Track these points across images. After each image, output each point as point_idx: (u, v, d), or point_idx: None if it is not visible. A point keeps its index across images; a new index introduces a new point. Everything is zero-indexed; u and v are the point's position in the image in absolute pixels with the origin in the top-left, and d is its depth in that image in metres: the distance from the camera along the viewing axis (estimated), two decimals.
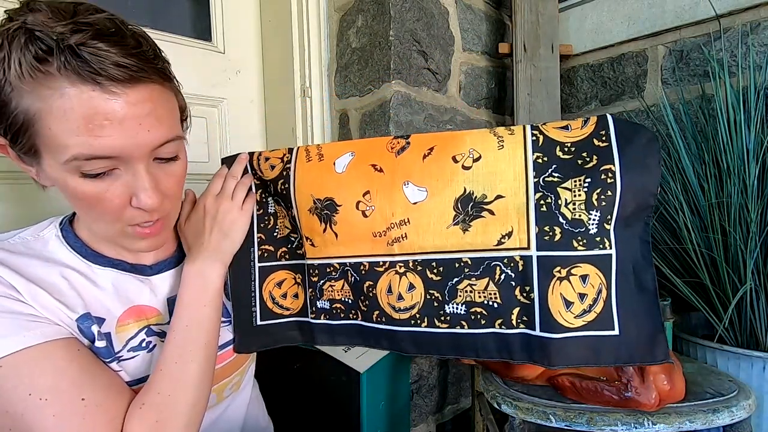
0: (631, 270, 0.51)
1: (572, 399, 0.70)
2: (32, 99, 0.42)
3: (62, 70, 0.41)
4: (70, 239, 0.55)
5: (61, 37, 0.40)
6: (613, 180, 0.50)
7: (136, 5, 1.09)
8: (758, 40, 1.08)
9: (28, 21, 0.41)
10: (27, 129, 0.43)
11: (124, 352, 0.55)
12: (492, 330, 0.55)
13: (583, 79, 1.41)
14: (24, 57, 0.41)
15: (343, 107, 1.24)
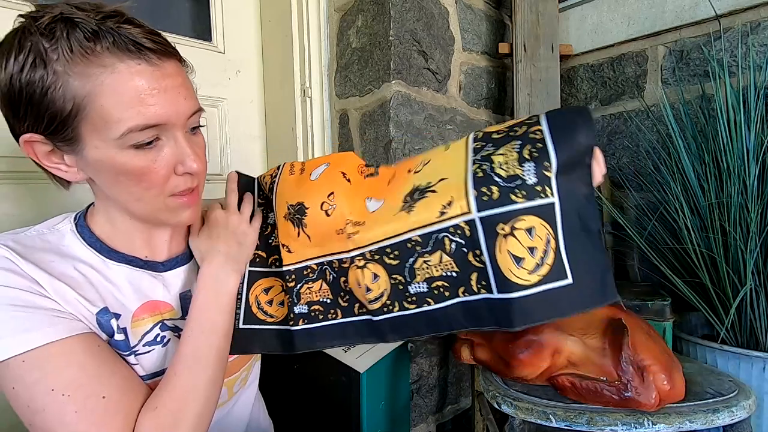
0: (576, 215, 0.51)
1: (572, 399, 0.70)
2: (82, 82, 0.45)
3: (111, 49, 0.45)
4: (85, 235, 0.56)
5: (100, 22, 0.45)
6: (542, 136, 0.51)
7: (137, 5, 1.09)
8: (758, 40, 1.08)
9: (64, 12, 0.45)
10: (76, 114, 0.46)
11: (139, 347, 0.56)
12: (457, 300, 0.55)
13: (583, 79, 1.41)
14: (73, 42, 0.44)
15: (343, 107, 1.24)
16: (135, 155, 0.49)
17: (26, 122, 0.47)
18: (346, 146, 1.24)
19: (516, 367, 0.73)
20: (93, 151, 0.48)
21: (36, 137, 0.48)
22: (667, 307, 0.95)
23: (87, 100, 0.45)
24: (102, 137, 0.47)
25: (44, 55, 0.44)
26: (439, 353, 1.25)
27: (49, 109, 0.46)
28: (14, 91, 0.46)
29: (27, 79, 0.45)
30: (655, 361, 0.68)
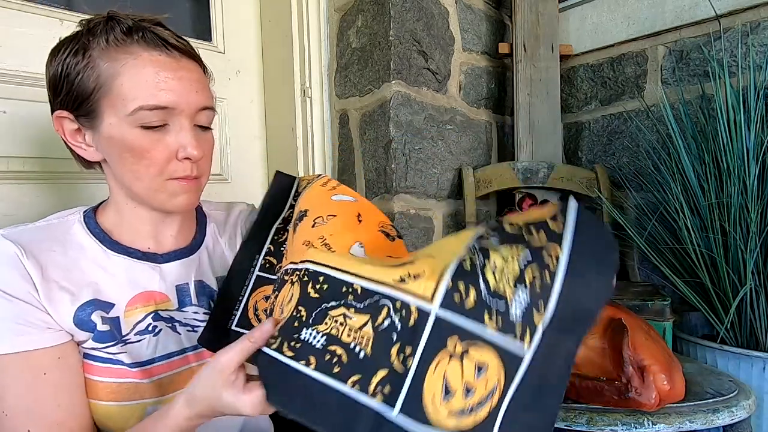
0: (537, 387, 0.39)
1: (572, 399, 0.70)
2: (109, 64, 0.53)
3: (139, 41, 0.54)
4: (91, 225, 0.60)
5: (137, 21, 0.55)
6: (556, 269, 0.39)
7: (136, 5, 1.09)
8: (758, 40, 1.08)
9: (110, 12, 0.55)
10: (99, 90, 0.53)
11: (131, 336, 0.58)
12: (339, 387, 0.41)
13: (583, 79, 1.41)
14: (110, 34, 0.53)
15: (343, 107, 1.24)
16: (142, 134, 0.54)
17: (60, 98, 0.55)
18: (346, 146, 1.24)
19: None
20: (107, 127, 0.54)
21: (65, 113, 0.56)
22: (667, 307, 0.95)
23: (110, 79, 0.53)
24: (117, 114, 0.53)
25: (85, 45, 0.53)
26: None
27: (79, 87, 0.54)
28: (57, 73, 0.55)
29: (67, 63, 0.54)
30: (655, 361, 0.68)
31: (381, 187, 1.15)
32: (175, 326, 0.61)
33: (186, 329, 0.62)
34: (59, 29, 0.96)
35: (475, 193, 1.27)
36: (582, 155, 1.40)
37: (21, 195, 0.91)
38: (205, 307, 0.65)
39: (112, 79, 0.53)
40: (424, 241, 1.21)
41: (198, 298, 0.64)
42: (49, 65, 0.56)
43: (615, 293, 1.02)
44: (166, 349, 0.60)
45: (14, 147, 0.90)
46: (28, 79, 0.91)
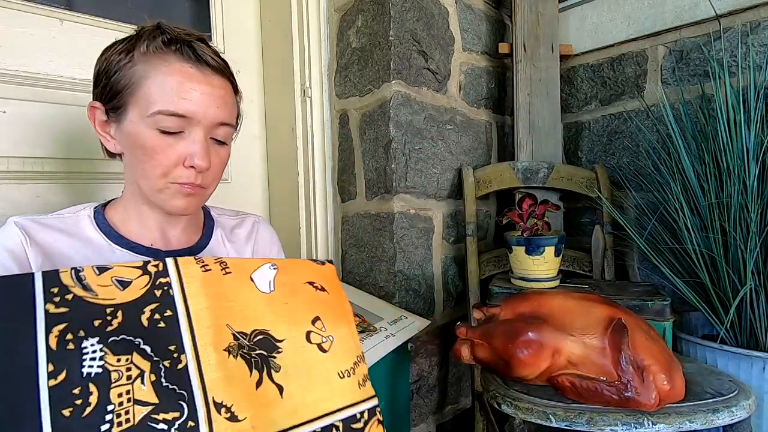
0: None
1: (572, 399, 0.70)
2: (145, 66, 0.57)
3: (176, 52, 0.58)
4: (99, 220, 0.63)
5: (180, 34, 0.59)
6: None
7: (136, 5, 1.10)
8: (758, 40, 1.08)
9: (162, 23, 0.60)
10: (128, 88, 0.57)
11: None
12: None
13: (583, 79, 1.41)
14: (153, 40, 0.58)
15: (343, 107, 1.24)
16: (156, 136, 0.57)
17: (98, 90, 0.60)
18: (346, 146, 1.24)
19: (516, 367, 0.73)
20: (129, 124, 0.58)
21: (98, 104, 0.60)
22: (667, 307, 0.95)
23: (140, 80, 0.57)
24: (139, 113, 0.57)
25: (131, 47, 0.58)
26: (439, 353, 1.25)
27: (114, 83, 0.58)
28: (101, 68, 0.59)
29: (111, 59, 0.58)
30: (655, 361, 0.68)
31: (381, 187, 1.15)
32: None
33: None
34: (59, 29, 0.96)
35: (475, 193, 1.27)
36: (582, 155, 1.40)
37: (21, 195, 0.91)
38: None
39: (142, 81, 0.57)
40: (425, 240, 1.21)
41: None
42: (98, 61, 0.61)
43: (615, 293, 1.03)
44: None
45: (14, 147, 0.90)
46: (28, 79, 0.91)
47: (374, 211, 1.17)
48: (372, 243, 1.18)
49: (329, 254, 1.28)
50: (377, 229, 1.17)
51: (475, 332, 0.80)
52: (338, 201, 1.27)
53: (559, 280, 1.11)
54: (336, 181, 1.28)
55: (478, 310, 0.87)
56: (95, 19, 1.01)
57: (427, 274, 1.22)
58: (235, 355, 0.39)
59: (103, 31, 1.02)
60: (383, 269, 1.16)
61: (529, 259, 1.06)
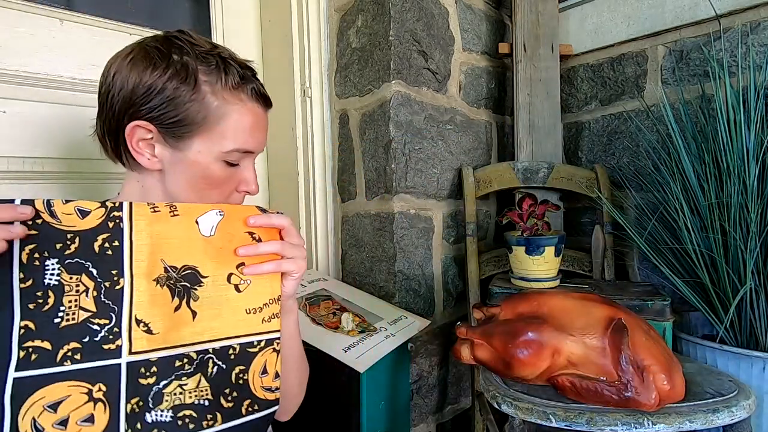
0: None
1: (572, 399, 0.70)
2: (220, 104, 0.58)
3: (248, 92, 0.61)
4: None
5: (243, 71, 0.61)
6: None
7: (137, 5, 1.10)
8: (758, 40, 1.08)
9: (221, 52, 0.61)
10: (203, 124, 0.58)
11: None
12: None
13: (583, 79, 1.41)
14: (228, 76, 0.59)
15: (343, 107, 1.24)
16: (222, 168, 0.61)
17: (151, 113, 0.57)
18: (346, 146, 1.24)
19: (516, 367, 0.73)
20: (195, 153, 0.59)
21: (146, 125, 0.57)
22: (667, 307, 0.95)
23: (217, 117, 0.58)
24: (209, 147, 0.59)
25: (196, 75, 0.57)
26: (439, 353, 1.25)
27: (184, 113, 0.57)
28: (157, 89, 0.56)
29: (174, 85, 0.56)
30: (655, 361, 0.68)
31: (381, 187, 1.15)
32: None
33: None
34: (59, 29, 0.96)
35: (475, 193, 1.28)
36: (582, 155, 1.40)
37: (21, 195, 0.91)
38: None
39: (219, 118, 0.58)
40: (425, 240, 1.21)
41: None
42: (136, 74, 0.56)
43: (615, 293, 1.03)
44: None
45: (14, 147, 0.90)
46: (28, 79, 0.91)
47: (374, 211, 1.18)
48: (372, 243, 1.18)
49: (329, 254, 1.28)
50: (377, 229, 1.17)
51: (475, 332, 0.80)
52: (338, 201, 1.27)
53: (559, 280, 1.11)
54: (336, 181, 1.28)
55: (478, 310, 0.87)
56: (95, 19, 1.01)
57: (427, 274, 1.22)
58: (162, 285, 0.51)
59: (103, 31, 1.02)
60: (383, 269, 1.16)
61: (529, 259, 1.06)
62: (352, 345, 0.90)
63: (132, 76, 0.56)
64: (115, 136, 0.60)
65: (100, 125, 0.61)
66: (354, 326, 0.97)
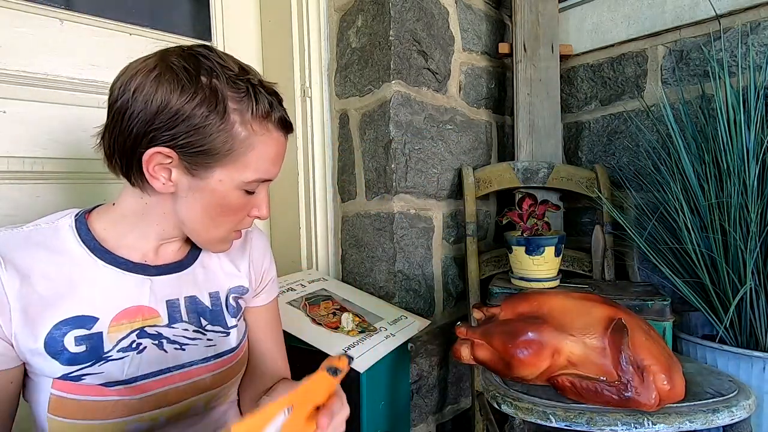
0: None
1: (572, 399, 0.70)
2: (247, 133, 0.55)
3: (276, 122, 0.58)
4: (82, 231, 0.58)
5: (271, 98, 0.57)
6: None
7: (137, 5, 1.10)
8: (758, 40, 1.08)
9: (251, 77, 0.56)
10: (228, 153, 0.55)
11: (113, 352, 0.55)
12: None
13: (583, 79, 1.41)
14: (257, 106, 0.55)
15: (343, 107, 1.24)
16: (241, 196, 0.58)
17: (174, 140, 0.52)
18: (346, 146, 1.24)
19: (516, 367, 0.73)
20: (215, 182, 0.56)
21: (167, 152, 0.53)
22: (667, 307, 0.95)
23: (244, 148, 0.55)
24: (232, 176, 0.56)
25: (226, 102, 0.53)
26: (439, 353, 1.25)
27: (211, 142, 0.53)
28: (183, 114, 0.51)
29: (203, 112, 0.52)
30: (655, 361, 0.68)
31: (381, 187, 1.15)
32: (162, 343, 0.59)
33: (174, 347, 0.60)
34: (59, 29, 0.96)
35: (475, 193, 1.28)
36: (582, 155, 1.40)
37: (21, 195, 0.91)
38: (195, 324, 0.62)
39: (246, 149, 0.55)
40: (425, 240, 1.21)
41: (188, 314, 0.62)
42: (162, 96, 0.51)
43: (615, 293, 1.03)
44: (151, 368, 0.57)
45: (14, 147, 0.90)
46: (28, 79, 0.92)
47: (374, 211, 1.18)
48: (372, 243, 1.18)
49: (329, 254, 1.28)
50: (377, 229, 1.17)
51: (475, 332, 0.80)
52: (338, 201, 1.27)
53: (559, 280, 1.11)
54: (336, 181, 1.28)
55: (478, 310, 0.87)
56: (95, 19, 1.01)
57: (427, 274, 1.22)
58: None
59: (103, 31, 1.02)
60: (383, 269, 1.16)
61: (529, 259, 1.06)
62: (352, 345, 0.90)
63: (157, 97, 0.51)
64: (128, 157, 0.54)
65: (110, 141, 0.55)
66: (354, 326, 0.97)
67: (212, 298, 0.65)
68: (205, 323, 0.63)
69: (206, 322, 0.63)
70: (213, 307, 0.65)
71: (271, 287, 0.76)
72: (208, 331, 0.63)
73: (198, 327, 0.62)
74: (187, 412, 0.61)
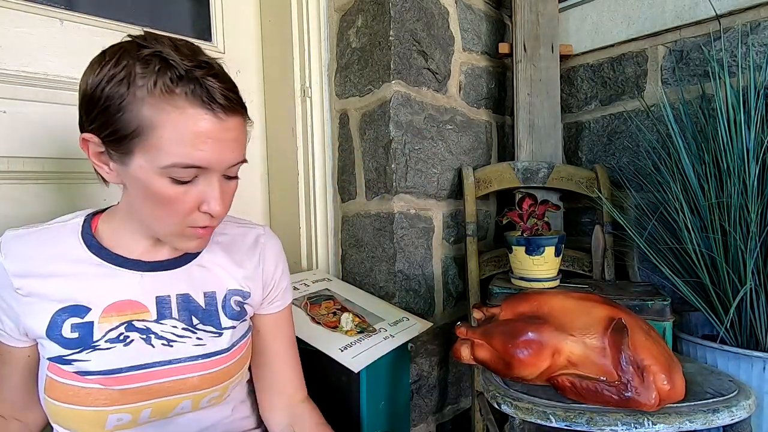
0: None
1: (572, 399, 0.70)
2: (154, 111, 0.50)
3: (188, 95, 0.51)
4: (85, 232, 0.62)
5: (190, 69, 0.51)
6: None
7: (137, 5, 1.10)
8: (758, 40, 1.08)
9: (163, 51, 0.51)
10: (137, 135, 0.51)
11: (101, 342, 0.58)
12: None
13: (583, 79, 1.41)
14: (159, 78, 0.50)
15: (343, 107, 1.24)
16: (169, 185, 0.53)
17: (93, 124, 0.53)
18: (346, 146, 1.24)
19: (516, 367, 0.73)
20: (136, 168, 0.53)
21: (94, 138, 0.54)
22: (667, 307, 0.95)
23: (151, 127, 0.51)
24: (149, 160, 0.52)
25: (131, 79, 0.50)
26: (439, 353, 1.25)
27: (116, 123, 0.51)
28: (95, 96, 0.52)
29: (109, 92, 0.51)
30: (655, 361, 0.68)
31: (381, 187, 1.15)
32: (149, 338, 0.60)
33: (161, 342, 0.61)
34: (59, 29, 0.96)
35: (475, 193, 1.28)
36: (582, 155, 1.40)
37: (21, 195, 0.91)
38: (185, 322, 0.62)
39: (152, 129, 0.51)
40: (425, 240, 1.21)
41: (179, 312, 0.63)
42: (87, 78, 0.53)
43: (615, 293, 1.03)
44: (136, 361, 0.58)
45: (14, 147, 0.90)
46: (28, 79, 0.92)
47: (374, 211, 1.18)
48: (372, 243, 1.18)
49: (329, 254, 1.28)
50: (377, 229, 1.17)
51: (475, 332, 0.80)
52: (338, 201, 1.27)
53: (559, 280, 1.11)
54: (336, 181, 1.28)
55: (478, 310, 0.87)
56: (95, 19, 1.01)
57: (427, 274, 1.22)
58: None
59: (103, 31, 1.02)
60: (383, 269, 1.16)
61: (529, 259, 1.06)
62: (349, 345, 0.90)
63: (81, 83, 0.54)
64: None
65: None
66: (353, 326, 0.97)
67: (207, 298, 0.65)
68: (197, 322, 0.63)
69: (197, 320, 0.63)
70: (207, 307, 0.65)
71: (283, 295, 0.75)
72: (198, 330, 0.63)
73: (188, 325, 0.62)
74: (173, 409, 0.62)
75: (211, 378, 0.63)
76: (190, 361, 0.61)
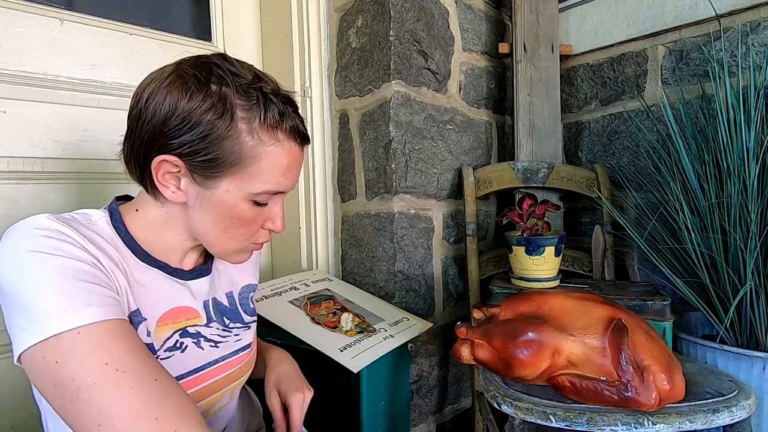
0: None
1: (572, 399, 0.70)
2: (255, 143, 0.53)
3: (289, 132, 0.56)
4: (121, 232, 0.57)
5: (284, 106, 0.55)
6: None
7: (137, 5, 1.10)
8: (758, 40, 1.08)
9: (263, 85, 0.54)
10: (236, 164, 0.53)
11: (161, 352, 0.57)
12: None
13: (583, 79, 1.41)
14: (267, 114, 0.53)
15: (343, 107, 1.24)
16: (251, 207, 0.57)
17: (181, 148, 0.52)
18: (346, 146, 1.24)
19: (516, 367, 0.73)
20: (222, 192, 0.55)
21: (178, 161, 0.53)
22: (667, 307, 0.95)
23: (252, 158, 0.53)
24: (238, 186, 0.55)
25: (234, 110, 0.52)
26: (439, 353, 1.25)
27: (215, 151, 0.52)
28: (191, 122, 0.51)
29: (210, 119, 0.51)
30: (655, 361, 0.68)
31: (381, 187, 1.15)
32: (199, 341, 0.62)
33: (209, 344, 0.63)
34: (59, 29, 0.96)
35: (475, 193, 1.28)
36: (582, 155, 1.40)
37: (21, 195, 0.91)
38: (220, 323, 0.66)
39: (254, 159, 0.54)
40: (425, 240, 1.21)
41: (215, 314, 0.66)
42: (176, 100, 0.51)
43: (615, 293, 1.03)
44: (191, 366, 0.60)
45: (14, 147, 0.90)
46: (28, 79, 0.92)
47: (374, 211, 1.18)
48: (372, 243, 1.18)
49: (329, 254, 1.28)
50: (377, 229, 1.17)
51: (475, 332, 0.80)
52: (338, 201, 1.27)
53: (559, 280, 1.11)
54: (336, 181, 1.28)
55: (478, 310, 0.87)
56: (95, 19, 1.01)
57: (427, 274, 1.22)
58: None
59: (103, 31, 1.02)
60: (383, 269, 1.16)
61: (529, 259, 1.06)
62: (349, 345, 0.90)
63: (166, 105, 0.51)
64: (141, 165, 0.55)
65: (127, 148, 0.56)
66: (353, 326, 0.97)
67: (228, 298, 0.69)
68: (228, 321, 0.67)
69: (228, 320, 0.67)
70: (230, 306, 0.69)
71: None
72: (232, 328, 0.67)
73: (224, 326, 0.66)
74: (216, 404, 0.65)
75: (242, 368, 0.68)
76: (232, 357, 0.66)
